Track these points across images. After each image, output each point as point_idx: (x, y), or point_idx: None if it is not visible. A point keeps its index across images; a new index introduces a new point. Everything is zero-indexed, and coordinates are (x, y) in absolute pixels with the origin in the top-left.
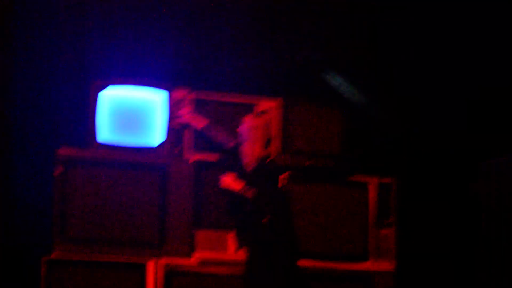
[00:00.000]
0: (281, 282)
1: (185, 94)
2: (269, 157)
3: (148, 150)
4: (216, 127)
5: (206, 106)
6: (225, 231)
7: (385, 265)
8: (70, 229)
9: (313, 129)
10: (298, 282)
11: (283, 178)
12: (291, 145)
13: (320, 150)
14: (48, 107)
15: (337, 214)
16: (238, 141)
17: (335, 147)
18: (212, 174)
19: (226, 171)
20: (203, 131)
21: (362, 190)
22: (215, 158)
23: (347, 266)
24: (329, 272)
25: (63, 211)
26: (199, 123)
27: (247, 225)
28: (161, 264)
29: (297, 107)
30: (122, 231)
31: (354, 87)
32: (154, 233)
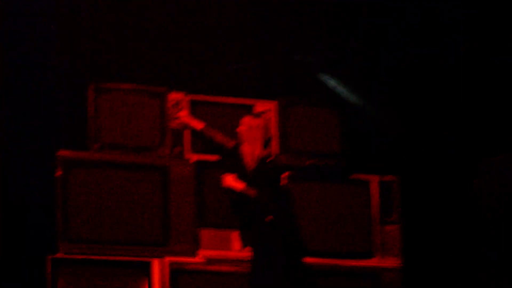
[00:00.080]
0: (286, 280)
1: (182, 96)
2: (269, 157)
3: (148, 150)
4: (214, 128)
5: (204, 108)
6: (229, 230)
7: (392, 262)
8: (74, 229)
9: (311, 129)
10: (303, 280)
11: (283, 178)
12: (290, 145)
13: (319, 150)
14: (46, 109)
15: (340, 213)
16: (237, 142)
17: (335, 146)
18: (213, 174)
19: (227, 171)
20: (202, 133)
21: (364, 188)
22: (215, 158)
23: (353, 263)
24: (335, 270)
25: (66, 212)
26: (197, 124)
27: (250, 224)
28: (167, 262)
29: (295, 108)
30: (126, 231)
31: (351, 88)
32: (157, 233)
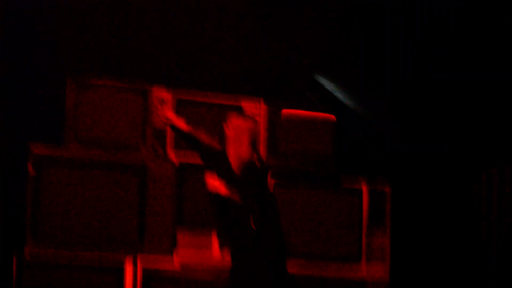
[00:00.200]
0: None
1: (166, 94)
2: (256, 160)
3: (127, 149)
4: (199, 128)
5: (189, 107)
6: (208, 232)
7: (379, 272)
8: (43, 229)
9: (302, 132)
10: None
11: (270, 182)
12: (278, 148)
13: (310, 154)
14: (21, 103)
15: (328, 220)
16: (224, 143)
17: (326, 151)
18: (196, 176)
19: (212, 173)
20: (186, 132)
21: (354, 195)
22: (199, 159)
23: (340, 272)
24: (321, 279)
25: (36, 211)
26: (182, 124)
27: (234, 229)
28: (140, 269)
29: (285, 109)
30: (99, 234)
31: (346, 90)
32: (132, 236)
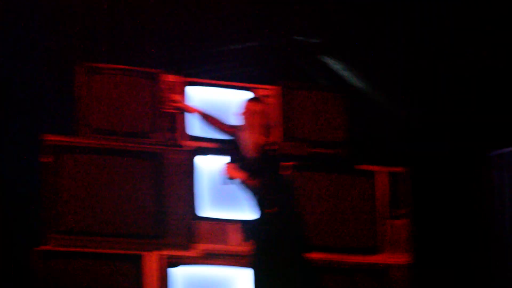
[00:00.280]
0: (289, 275)
1: (177, 79)
2: (271, 145)
3: (142, 136)
4: (211, 113)
5: (201, 92)
6: (227, 223)
7: (400, 258)
8: (61, 219)
9: (316, 115)
10: (306, 275)
11: (286, 167)
12: (292, 132)
13: (324, 138)
14: (32, 92)
15: (346, 205)
16: (237, 129)
17: (341, 134)
18: (211, 162)
19: (226, 159)
20: (198, 118)
21: (372, 180)
22: (212, 145)
23: (359, 259)
24: (340, 266)
25: (52, 201)
26: (193, 109)
27: (251, 216)
28: (160, 256)
29: (298, 93)
30: (116, 222)
31: (356, 72)
32: (150, 224)
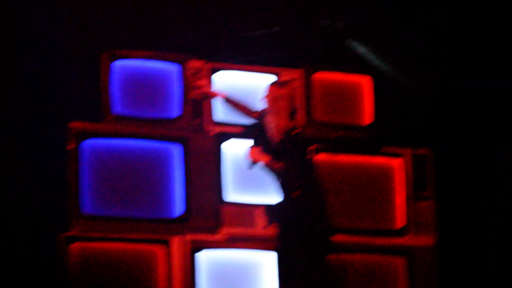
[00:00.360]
0: (314, 259)
1: (202, 64)
2: (295, 129)
3: (166, 122)
4: (236, 98)
5: (226, 76)
6: (253, 206)
7: (425, 240)
8: (87, 205)
9: (340, 99)
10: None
11: (310, 151)
12: (317, 116)
13: (348, 122)
14: (57, 79)
15: (370, 188)
16: (261, 113)
17: (365, 118)
18: (236, 146)
19: (251, 143)
20: (223, 103)
21: (396, 161)
22: (237, 130)
23: (384, 241)
24: (365, 248)
25: (78, 187)
26: (218, 94)
27: (275, 200)
28: (187, 240)
29: (322, 77)
30: (143, 206)
31: (381, 55)
32: (177, 209)
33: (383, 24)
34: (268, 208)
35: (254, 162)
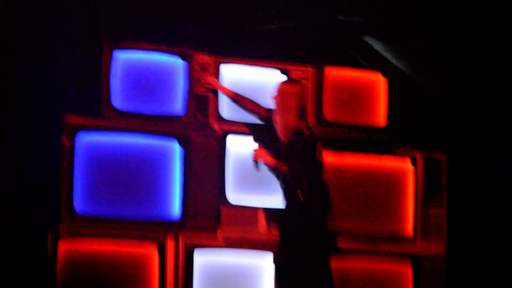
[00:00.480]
0: (318, 263)
1: (209, 59)
2: (306, 129)
3: (168, 118)
4: (245, 95)
5: (234, 72)
6: (256, 209)
7: (435, 248)
8: (79, 202)
9: (352, 97)
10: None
11: (319, 151)
12: (329, 115)
13: (361, 122)
14: (55, 71)
15: (380, 192)
16: (270, 111)
17: (379, 118)
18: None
19: (258, 143)
20: (231, 99)
21: (408, 164)
22: (243, 128)
23: (393, 248)
24: (373, 255)
25: (72, 184)
26: (226, 91)
27: (280, 203)
28: (182, 242)
29: (334, 74)
30: (138, 206)
31: (398, 53)
32: (174, 209)
33: (401, 20)
34: (270, 211)
35: (261, 163)
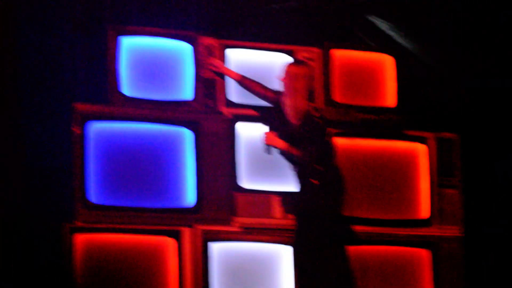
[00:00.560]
0: (333, 250)
1: (215, 42)
2: (315, 111)
3: (177, 103)
4: (252, 78)
5: (241, 55)
6: (269, 194)
7: (451, 230)
8: (93, 193)
9: (361, 79)
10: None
11: (329, 134)
12: (337, 97)
13: (370, 103)
14: (61, 58)
15: (393, 174)
16: (278, 93)
17: (388, 99)
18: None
19: (267, 126)
20: (239, 83)
21: (421, 146)
22: (252, 112)
23: (408, 231)
24: (388, 239)
25: (84, 174)
26: (233, 74)
27: (294, 188)
28: (199, 231)
29: (343, 54)
30: (152, 195)
31: (405, 32)
32: (189, 196)
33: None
34: (285, 196)
35: (271, 147)
